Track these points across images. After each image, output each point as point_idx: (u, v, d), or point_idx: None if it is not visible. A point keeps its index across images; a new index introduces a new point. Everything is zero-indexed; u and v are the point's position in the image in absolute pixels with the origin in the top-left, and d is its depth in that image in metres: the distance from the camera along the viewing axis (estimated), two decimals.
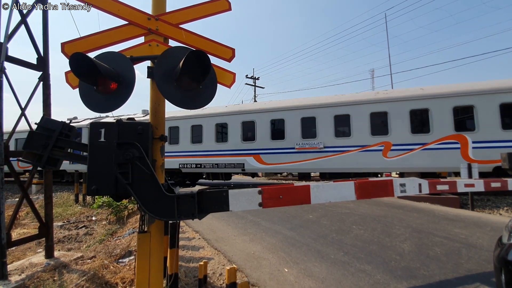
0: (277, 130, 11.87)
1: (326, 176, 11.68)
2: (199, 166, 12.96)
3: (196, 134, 13.33)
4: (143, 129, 2.24)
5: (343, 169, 10.68)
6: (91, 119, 17.22)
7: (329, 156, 10.81)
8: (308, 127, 11.33)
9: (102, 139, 2.17)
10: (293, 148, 11.33)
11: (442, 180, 3.36)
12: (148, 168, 2.12)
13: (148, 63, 2.63)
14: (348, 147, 10.61)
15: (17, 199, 5.71)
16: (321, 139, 11.02)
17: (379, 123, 10.37)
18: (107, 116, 16.45)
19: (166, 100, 2.60)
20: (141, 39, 2.73)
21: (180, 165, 13.37)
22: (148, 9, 2.76)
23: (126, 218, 8.12)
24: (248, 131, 12.32)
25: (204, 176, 13.79)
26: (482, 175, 8.22)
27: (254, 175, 16.39)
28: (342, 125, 10.93)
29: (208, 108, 13.32)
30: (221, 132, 12.97)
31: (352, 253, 4.36)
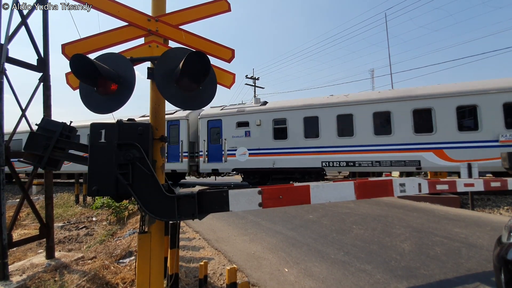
0: (466, 119, 9.73)
1: None
2: (352, 164, 10.85)
3: (344, 125, 11.20)
4: (143, 130, 2.25)
5: None
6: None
7: None
8: None
9: (103, 140, 2.18)
10: (495, 141, 9.08)
11: (442, 179, 3.38)
12: (148, 169, 2.13)
13: (148, 64, 2.64)
14: None
15: (18, 200, 5.72)
16: None
17: None
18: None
19: (166, 101, 2.61)
20: (141, 40, 2.74)
21: (324, 163, 11.13)
22: (148, 10, 2.77)
23: (126, 219, 8.13)
24: (423, 120, 10.13)
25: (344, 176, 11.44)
26: None
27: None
28: None
29: (356, 94, 11.67)
30: (382, 122, 10.77)
31: (353, 253, 4.37)
